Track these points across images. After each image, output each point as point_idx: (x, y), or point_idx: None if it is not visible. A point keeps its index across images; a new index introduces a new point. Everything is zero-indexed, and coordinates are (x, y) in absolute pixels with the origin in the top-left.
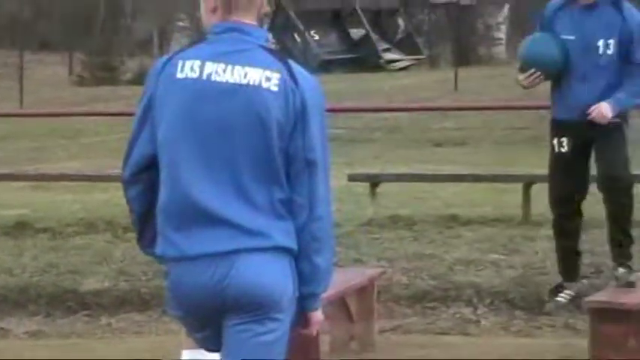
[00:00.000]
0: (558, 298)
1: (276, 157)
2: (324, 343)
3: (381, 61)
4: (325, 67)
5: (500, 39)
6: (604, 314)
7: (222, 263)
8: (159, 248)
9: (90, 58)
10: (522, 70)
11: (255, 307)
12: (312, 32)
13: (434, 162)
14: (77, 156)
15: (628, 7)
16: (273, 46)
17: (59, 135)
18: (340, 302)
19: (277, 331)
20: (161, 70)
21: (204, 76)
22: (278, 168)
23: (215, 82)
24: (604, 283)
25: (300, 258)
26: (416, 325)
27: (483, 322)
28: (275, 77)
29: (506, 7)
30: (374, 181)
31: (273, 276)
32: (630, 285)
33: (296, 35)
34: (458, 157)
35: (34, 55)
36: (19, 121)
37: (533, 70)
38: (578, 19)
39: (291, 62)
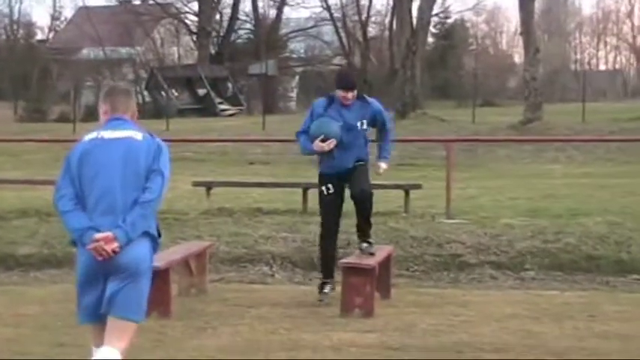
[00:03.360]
0: (325, 290)
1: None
2: (174, 289)
3: (217, 110)
4: (181, 113)
5: (292, 97)
6: (352, 271)
7: None
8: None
9: (28, 104)
10: (323, 141)
11: None
12: (173, 91)
13: (249, 174)
14: (18, 168)
15: (371, 99)
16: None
17: (7, 154)
18: (184, 263)
19: None
20: None
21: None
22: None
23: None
24: (351, 252)
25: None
26: (234, 278)
27: (277, 275)
28: (140, 135)
29: (297, 77)
30: (209, 186)
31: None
32: (372, 254)
33: (162, 92)
34: (264, 171)
35: None
36: None
37: (332, 139)
38: (341, 111)
39: (154, 134)
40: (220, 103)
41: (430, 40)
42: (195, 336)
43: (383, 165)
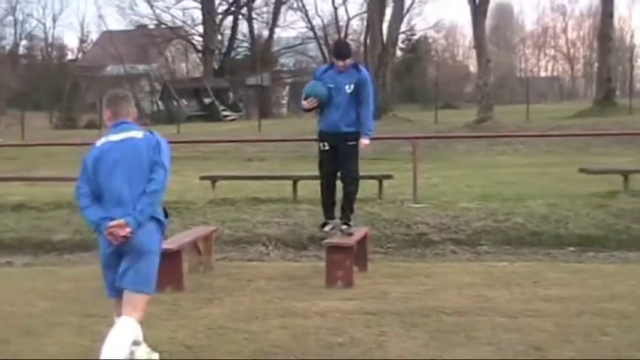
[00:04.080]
0: (325, 228)
1: (147, 165)
2: (185, 267)
3: (220, 116)
4: (190, 119)
5: (284, 104)
6: (334, 249)
7: None
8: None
9: (61, 114)
10: (306, 99)
11: None
12: (182, 100)
13: (247, 169)
14: (53, 167)
15: (362, 69)
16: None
17: (44, 155)
18: (194, 245)
19: None
20: None
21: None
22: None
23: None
24: (334, 232)
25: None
26: (235, 257)
27: (272, 254)
28: (140, 134)
29: (287, 87)
30: (214, 179)
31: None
32: (350, 234)
33: (174, 102)
34: (260, 167)
35: (30, 112)
36: (21, 148)
37: (312, 98)
38: (335, 76)
39: (153, 131)
40: (223, 110)
41: (398, 53)
42: (204, 306)
43: (365, 141)
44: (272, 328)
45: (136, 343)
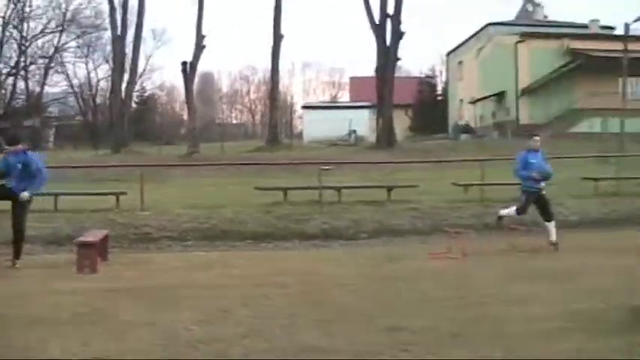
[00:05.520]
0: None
1: None
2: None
3: (2, 148)
4: None
5: (51, 141)
6: (83, 245)
7: None
8: None
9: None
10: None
11: None
12: None
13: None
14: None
15: (29, 153)
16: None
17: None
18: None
19: None
20: None
21: None
22: None
23: None
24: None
25: None
26: (9, 253)
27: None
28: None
29: (54, 129)
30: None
31: None
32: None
33: None
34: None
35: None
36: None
37: None
38: (13, 157)
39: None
40: (5, 144)
41: (134, 105)
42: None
43: (25, 194)
44: (38, 303)
45: None
